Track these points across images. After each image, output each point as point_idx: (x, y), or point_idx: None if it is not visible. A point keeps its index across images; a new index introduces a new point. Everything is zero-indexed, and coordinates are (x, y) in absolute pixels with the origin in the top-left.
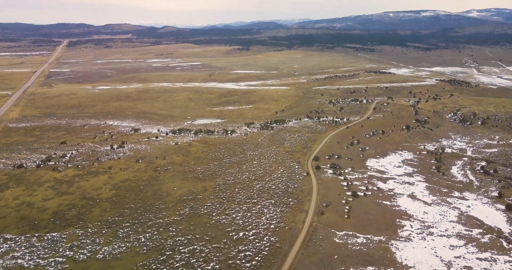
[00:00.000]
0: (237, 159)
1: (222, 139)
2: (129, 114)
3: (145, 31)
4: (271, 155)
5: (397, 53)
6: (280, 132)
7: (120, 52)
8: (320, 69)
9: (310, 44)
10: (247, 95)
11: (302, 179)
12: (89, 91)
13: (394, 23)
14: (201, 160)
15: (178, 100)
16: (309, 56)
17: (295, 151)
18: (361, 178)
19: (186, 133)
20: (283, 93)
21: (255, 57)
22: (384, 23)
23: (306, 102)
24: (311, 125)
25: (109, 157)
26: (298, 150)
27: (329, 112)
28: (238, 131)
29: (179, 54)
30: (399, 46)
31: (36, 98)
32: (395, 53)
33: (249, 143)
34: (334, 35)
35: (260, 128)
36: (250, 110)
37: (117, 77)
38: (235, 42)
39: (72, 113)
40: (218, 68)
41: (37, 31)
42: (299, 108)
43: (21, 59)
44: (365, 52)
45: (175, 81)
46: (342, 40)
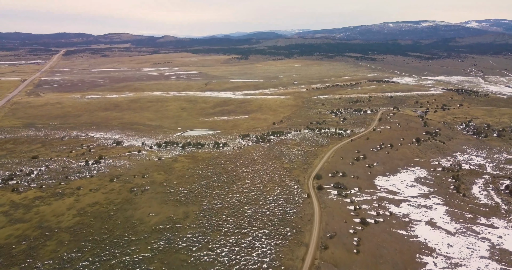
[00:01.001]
0: (228, 177)
1: (212, 153)
2: (115, 125)
3: (144, 40)
4: (267, 173)
5: (399, 62)
6: (277, 145)
7: (116, 61)
8: (321, 78)
9: (310, 53)
10: (244, 104)
11: (302, 203)
12: (76, 101)
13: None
14: (185, 178)
15: (170, 109)
16: (309, 65)
17: (294, 168)
18: (370, 200)
19: (173, 147)
20: (281, 102)
21: (253, 66)
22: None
23: (306, 112)
24: (311, 138)
25: (80, 175)
26: (297, 167)
27: (331, 123)
28: (231, 144)
29: (176, 63)
30: (400, 56)
31: (19, 107)
32: (396, 62)
33: (243, 158)
34: (334, 44)
35: (256, 141)
36: (246, 120)
37: (109, 86)
38: (234, 52)
39: (54, 124)
40: (215, 77)
41: (36, 40)
42: (298, 119)
43: (13, 68)
44: (366, 61)
45: (169, 90)
46: (342, 49)
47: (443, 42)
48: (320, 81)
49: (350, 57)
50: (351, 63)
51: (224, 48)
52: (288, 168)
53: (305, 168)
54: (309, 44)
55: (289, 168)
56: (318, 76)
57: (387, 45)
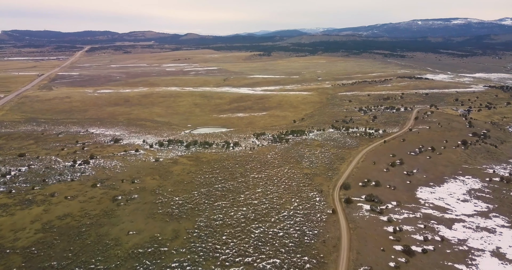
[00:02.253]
0: (235, 184)
1: (219, 154)
2: (121, 120)
3: (168, 38)
4: (283, 180)
5: (430, 59)
6: (297, 146)
7: (137, 57)
8: (346, 75)
9: (335, 50)
10: (262, 100)
11: (325, 221)
12: (86, 95)
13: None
14: (183, 185)
15: (182, 105)
16: (333, 62)
17: (316, 174)
18: (413, 219)
19: (176, 146)
20: (303, 99)
21: (275, 63)
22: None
23: (331, 110)
24: (337, 138)
25: (61, 177)
26: (320, 173)
27: (359, 122)
28: (243, 143)
29: (197, 59)
30: (431, 53)
31: (26, 101)
32: (427, 59)
33: (255, 160)
34: (360, 41)
35: (272, 140)
36: (263, 118)
37: (124, 81)
38: (256, 49)
39: (57, 119)
40: (235, 73)
41: (63, 38)
42: (322, 117)
43: (35, 63)
44: (395, 58)
45: (184, 86)
46: (369, 46)
47: (476, 40)
48: (346, 78)
49: (377, 54)
50: (379, 59)
51: (246, 46)
52: (309, 174)
53: (329, 174)
54: (334, 41)
55: (310, 175)
56: (344, 73)
57: (416, 43)
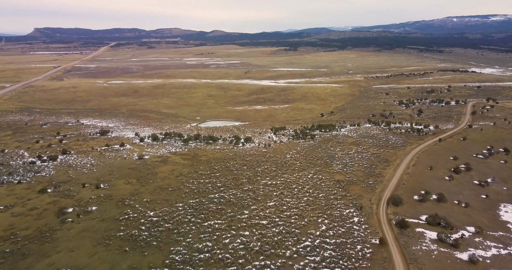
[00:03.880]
0: (238, 194)
1: (224, 152)
2: (123, 111)
3: (194, 35)
4: (306, 189)
5: (471, 54)
6: (325, 143)
7: (160, 52)
8: (379, 68)
9: (365, 45)
10: (285, 92)
11: (370, 259)
12: (95, 85)
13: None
14: (165, 194)
15: (195, 97)
16: (364, 56)
17: (352, 182)
18: (506, 258)
19: (173, 140)
20: (332, 91)
21: (302, 57)
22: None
23: (366, 103)
24: (377, 135)
25: (8, 178)
26: (357, 180)
27: (402, 117)
28: (257, 139)
29: (220, 54)
30: (470, 48)
31: (29, 91)
32: (468, 54)
33: (270, 161)
34: (392, 37)
35: (294, 136)
36: (285, 110)
37: (140, 73)
38: (282, 44)
39: (53, 109)
40: (258, 67)
41: (92, 35)
42: (355, 110)
43: (57, 57)
44: (432, 53)
45: (202, 78)
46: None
47: None
48: (379, 71)
49: (412, 49)
50: (414, 54)
51: (272, 41)
52: (342, 181)
53: (370, 183)
54: (364, 37)
55: (343, 182)
56: (376, 66)
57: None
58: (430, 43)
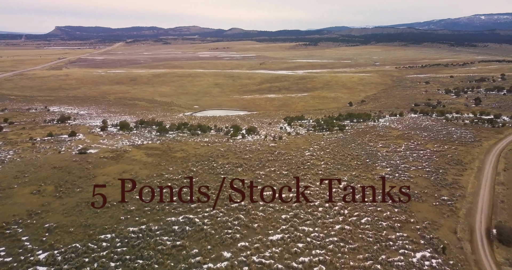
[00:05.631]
0: (218, 217)
1: (213, 146)
2: (109, 99)
3: (212, 33)
4: (337, 209)
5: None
6: (360, 136)
7: (174, 47)
8: (409, 60)
9: (390, 41)
10: (303, 80)
11: None
12: (91, 74)
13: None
14: (90, 214)
15: (199, 85)
16: (390, 51)
17: (413, 196)
18: None
19: (146, 130)
20: (360, 79)
21: (323, 51)
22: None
23: (403, 92)
24: (431, 126)
25: None
26: (421, 193)
27: (455, 106)
28: (263, 130)
29: (236, 48)
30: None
31: (16, 79)
32: (505, 49)
33: (279, 160)
34: (418, 34)
35: (316, 127)
36: (303, 99)
37: (147, 64)
38: (302, 40)
39: (31, 96)
40: (274, 59)
41: (111, 33)
42: (391, 99)
43: (68, 51)
44: (464, 47)
45: (212, 68)
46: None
47: None
48: (410, 63)
49: (442, 43)
50: (445, 48)
51: (291, 38)
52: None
53: (444, 198)
54: (388, 33)
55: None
56: (405, 59)
57: (483, 35)
58: (460, 39)
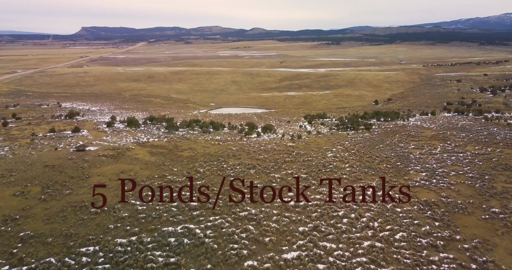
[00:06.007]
0: (223, 228)
1: (224, 145)
2: (124, 96)
3: (234, 33)
4: (365, 221)
5: None
6: (389, 137)
7: (195, 46)
8: (437, 59)
9: (416, 40)
10: (325, 78)
11: None
12: (110, 71)
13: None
14: (75, 220)
15: (216, 82)
16: (416, 49)
17: (456, 208)
18: None
19: (155, 127)
20: (386, 77)
21: (346, 50)
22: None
23: (433, 90)
24: (470, 126)
25: None
26: (466, 204)
27: (493, 105)
28: (281, 129)
29: (257, 47)
30: None
31: (35, 76)
32: None
33: (297, 161)
34: (445, 33)
35: (339, 126)
36: (325, 97)
37: (166, 62)
38: (324, 40)
39: (47, 92)
40: (296, 57)
41: (135, 33)
42: (420, 98)
43: (92, 50)
44: (495, 46)
45: (231, 67)
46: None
47: None
48: (438, 61)
49: (471, 42)
50: (475, 47)
51: (313, 37)
52: (436, 205)
53: (495, 210)
54: (413, 32)
55: (439, 208)
56: (433, 57)
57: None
58: (490, 38)
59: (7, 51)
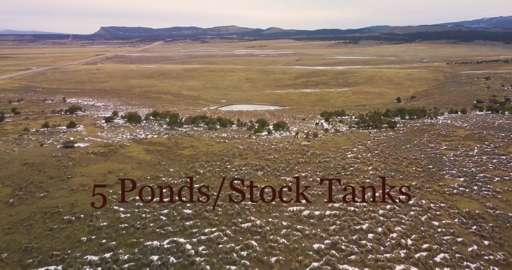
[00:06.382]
0: (219, 243)
1: (231, 143)
2: (134, 92)
3: (250, 32)
4: (395, 237)
5: None
6: (417, 136)
7: (211, 45)
8: (461, 57)
9: (437, 38)
10: (343, 75)
11: None
12: (123, 69)
13: None
14: (42, 229)
15: (229, 80)
16: (438, 48)
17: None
18: None
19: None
20: (408, 74)
21: (364, 49)
22: None
23: (460, 88)
24: (507, 125)
25: None
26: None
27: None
28: (295, 127)
29: (273, 46)
30: None
31: (48, 72)
32: None
33: (312, 162)
34: (467, 32)
35: (360, 124)
36: (343, 94)
37: (180, 60)
38: (341, 39)
39: (57, 88)
40: (312, 55)
41: (152, 33)
42: (447, 96)
43: (108, 49)
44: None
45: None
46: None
47: None
48: (461, 60)
49: (496, 41)
50: (499, 46)
51: (330, 36)
52: (482, 218)
53: None
54: (434, 31)
55: (485, 222)
56: (456, 56)
57: None
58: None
59: (26, 50)
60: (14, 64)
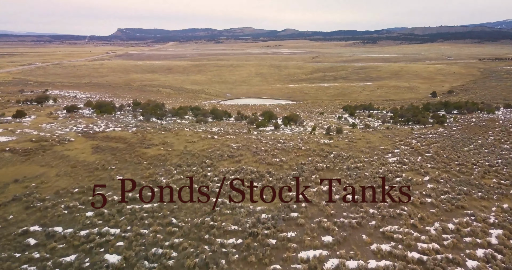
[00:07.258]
0: None
1: (220, 140)
2: (132, 86)
3: (265, 33)
4: None
5: None
6: (476, 133)
7: (226, 45)
8: (489, 55)
9: (459, 39)
10: (365, 70)
11: None
12: (127, 64)
13: None
14: None
15: (238, 74)
16: (462, 47)
17: None
18: None
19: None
20: (438, 69)
21: (383, 48)
22: None
23: (502, 83)
24: None
25: None
26: None
27: None
28: (311, 121)
29: (288, 46)
30: None
31: (49, 67)
32: None
33: (337, 169)
34: (491, 32)
35: (397, 119)
36: (367, 88)
37: (191, 57)
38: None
39: (51, 81)
40: (329, 53)
41: (167, 34)
42: (490, 90)
43: (120, 48)
44: None
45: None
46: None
47: None
48: (491, 57)
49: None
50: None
51: (347, 37)
52: None
53: None
54: (455, 32)
55: None
56: (484, 53)
57: None
58: None
59: (40, 48)
60: (20, 60)
